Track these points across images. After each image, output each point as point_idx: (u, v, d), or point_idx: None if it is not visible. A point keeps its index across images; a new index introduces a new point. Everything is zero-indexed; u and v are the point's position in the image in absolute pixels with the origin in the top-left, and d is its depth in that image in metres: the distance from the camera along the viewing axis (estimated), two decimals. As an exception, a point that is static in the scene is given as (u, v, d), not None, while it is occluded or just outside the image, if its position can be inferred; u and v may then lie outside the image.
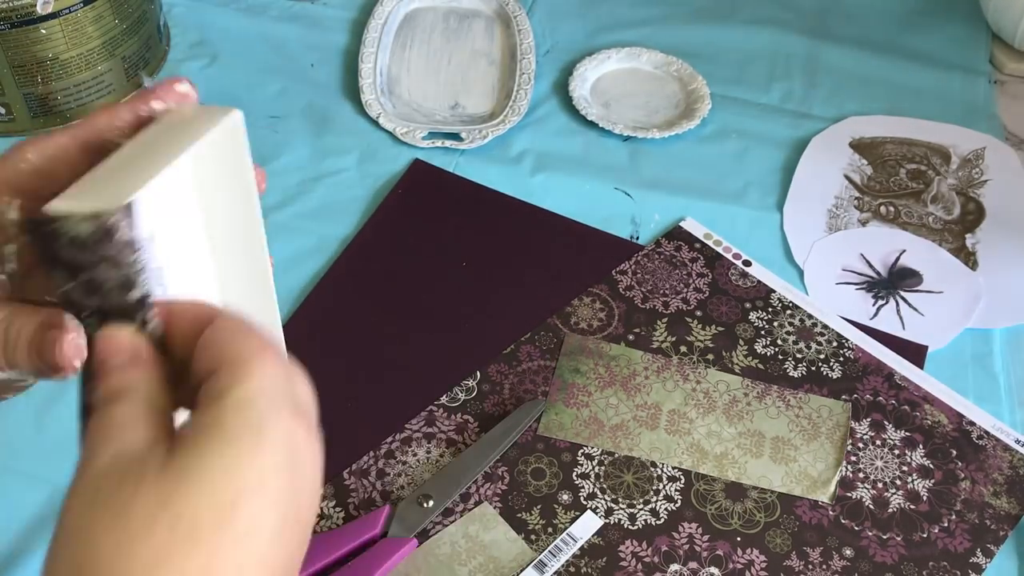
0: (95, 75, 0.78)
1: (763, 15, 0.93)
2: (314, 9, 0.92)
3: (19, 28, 0.73)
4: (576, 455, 0.62)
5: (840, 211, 0.77)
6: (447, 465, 0.60)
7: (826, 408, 0.65)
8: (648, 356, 0.67)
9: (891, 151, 0.82)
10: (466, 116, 0.83)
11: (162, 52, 0.85)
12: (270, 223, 0.78)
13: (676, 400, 0.65)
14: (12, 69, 0.75)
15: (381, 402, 0.64)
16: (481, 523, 0.58)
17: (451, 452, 0.62)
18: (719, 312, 0.69)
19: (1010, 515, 0.60)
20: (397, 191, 0.76)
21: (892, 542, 0.59)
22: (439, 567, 0.56)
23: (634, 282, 0.71)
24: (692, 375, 0.66)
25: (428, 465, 0.61)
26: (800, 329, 0.69)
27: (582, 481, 0.61)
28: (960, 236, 0.76)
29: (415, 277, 0.71)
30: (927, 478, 0.62)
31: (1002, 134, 0.84)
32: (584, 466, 0.61)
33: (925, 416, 0.65)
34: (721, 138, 0.82)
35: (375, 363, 0.66)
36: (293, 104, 0.83)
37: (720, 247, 0.73)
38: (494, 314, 0.69)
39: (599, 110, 0.83)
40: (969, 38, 0.92)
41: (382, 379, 0.65)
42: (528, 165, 0.79)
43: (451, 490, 0.59)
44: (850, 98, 0.86)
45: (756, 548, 0.58)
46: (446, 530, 0.58)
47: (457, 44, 0.89)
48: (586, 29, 0.91)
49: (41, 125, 0.78)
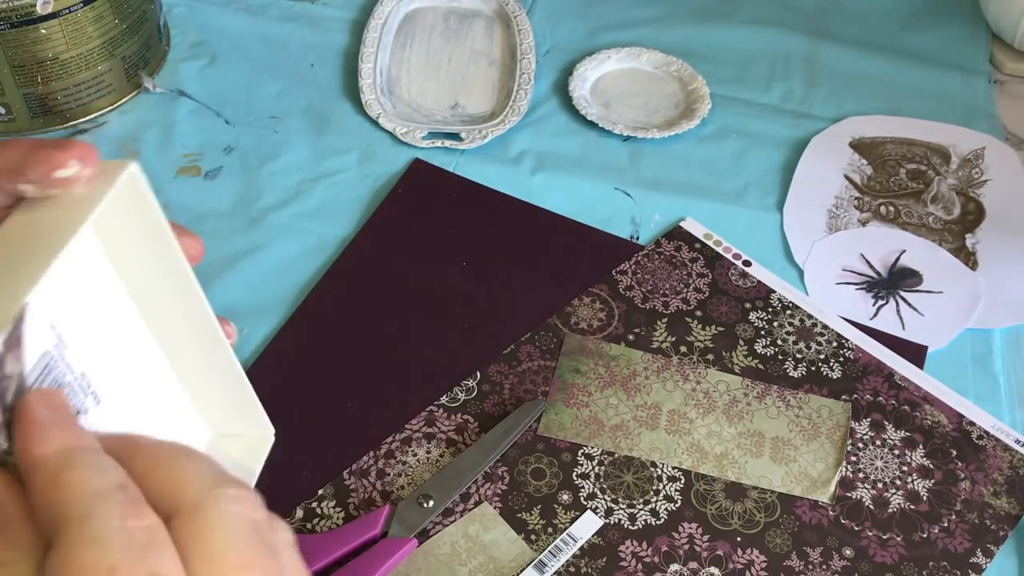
0: (95, 75, 0.78)
1: (763, 15, 0.93)
2: (314, 9, 0.92)
3: (19, 28, 0.73)
4: (576, 455, 0.62)
5: (840, 211, 0.77)
6: (447, 465, 0.60)
7: (826, 408, 0.65)
8: (648, 356, 0.67)
9: (891, 151, 0.82)
10: (466, 116, 0.83)
11: (162, 52, 0.85)
12: (270, 223, 0.79)
13: (676, 400, 0.65)
14: (12, 69, 0.75)
15: (381, 402, 0.64)
16: (481, 523, 0.58)
17: (451, 452, 0.62)
18: (719, 312, 0.69)
19: (1010, 515, 0.60)
20: (397, 191, 0.76)
21: (892, 542, 0.59)
22: (439, 567, 0.56)
23: (634, 282, 0.71)
24: (692, 375, 0.66)
25: (428, 465, 0.61)
26: (800, 329, 0.69)
27: (582, 481, 0.61)
28: (960, 236, 0.76)
29: (415, 277, 0.71)
30: (927, 478, 0.62)
31: (1002, 134, 0.84)
32: (584, 466, 0.61)
33: (925, 416, 0.65)
34: (721, 138, 0.82)
35: (375, 363, 0.66)
36: (293, 104, 0.83)
37: (720, 247, 0.73)
38: (494, 314, 0.69)
39: (599, 110, 0.83)
40: (969, 38, 0.92)
41: (382, 379, 0.65)
42: (528, 165, 0.79)
43: (451, 490, 0.59)
44: (850, 98, 0.86)
45: (756, 548, 0.58)
46: (446, 530, 0.58)
47: (457, 44, 0.89)
48: (586, 29, 0.91)
49: (41, 125, 0.78)
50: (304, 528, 0.58)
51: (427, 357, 0.66)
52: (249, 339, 0.67)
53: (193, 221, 0.74)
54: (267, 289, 0.70)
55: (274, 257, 0.72)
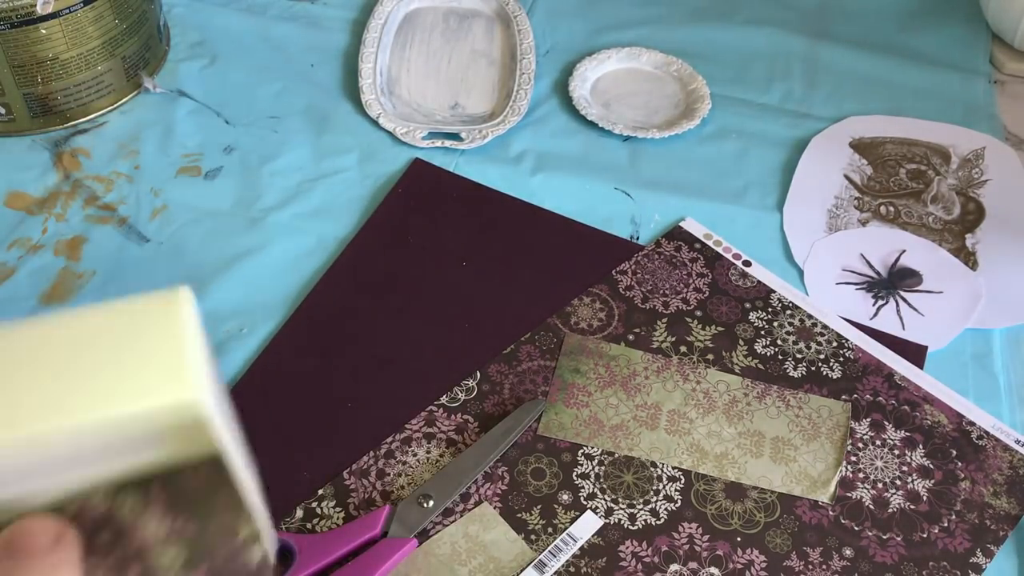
0: (95, 75, 0.78)
1: (763, 15, 0.93)
2: (314, 9, 0.92)
3: (19, 28, 0.73)
4: (576, 455, 0.62)
5: (840, 211, 0.77)
6: (447, 465, 0.60)
7: (826, 408, 0.65)
8: (648, 356, 0.67)
9: (891, 151, 0.82)
10: (466, 116, 0.83)
11: (162, 52, 0.85)
12: (270, 223, 0.79)
13: (676, 400, 0.65)
14: (12, 69, 0.75)
15: (381, 402, 0.64)
16: (481, 523, 0.58)
17: (451, 452, 0.62)
18: (719, 312, 0.69)
19: (1010, 515, 0.60)
20: (397, 191, 0.76)
21: (892, 542, 0.59)
22: (439, 567, 0.56)
23: (634, 282, 0.71)
24: (692, 375, 0.66)
25: (428, 465, 0.61)
26: (800, 329, 0.69)
27: (582, 481, 0.61)
28: (960, 236, 0.76)
29: (415, 277, 0.71)
30: (927, 478, 0.62)
31: (1002, 134, 0.84)
32: (584, 466, 0.61)
33: (925, 416, 0.65)
34: (721, 138, 0.82)
35: (375, 363, 0.66)
36: (293, 104, 0.83)
37: (720, 247, 0.73)
38: (494, 314, 0.69)
39: (599, 110, 0.83)
40: (969, 38, 0.92)
41: (382, 379, 0.65)
42: (528, 165, 0.79)
43: (451, 490, 0.59)
44: (850, 98, 0.86)
45: (756, 548, 0.58)
46: (446, 530, 0.58)
47: (457, 44, 0.89)
48: (586, 29, 0.91)
49: (41, 125, 0.79)
50: (304, 528, 0.58)
51: (427, 357, 0.66)
52: (249, 339, 0.67)
53: (193, 221, 0.74)
54: (267, 289, 0.70)
55: (274, 257, 0.72)
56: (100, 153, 0.78)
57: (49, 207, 0.74)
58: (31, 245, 0.72)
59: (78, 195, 0.75)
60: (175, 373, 0.24)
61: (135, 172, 0.77)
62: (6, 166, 0.77)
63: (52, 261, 0.71)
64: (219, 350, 0.66)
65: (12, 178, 0.76)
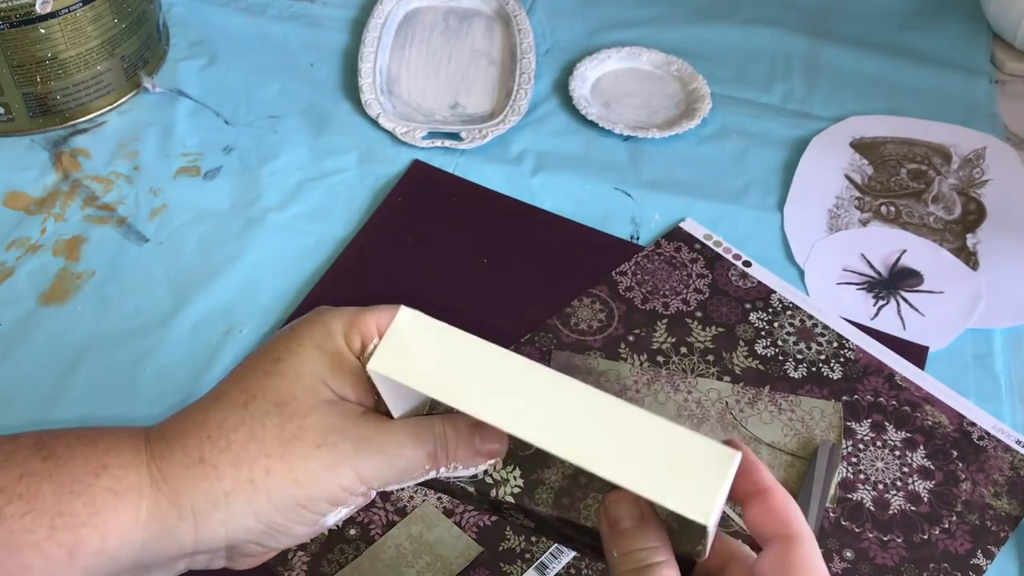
0: (94, 75, 0.78)
1: (763, 15, 0.93)
2: (314, 9, 0.92)
3: (18, 28, 0.73)
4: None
5: (841, 211, 0.77)
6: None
7: (818, 410, 0.64)
8: (636, 369, 0.66)
9: (892, 151, 0.82)
10: (466, 116, 0.83)
11: (161, 52, 0.85)
12: (269, 223, 0.79)
13: (670, 412, 0.64)
14: (11, 69, 0.75)
15: (381, 403, 0.64)
16: (424, 522, 0.58)
17: (451, 453, 0.61)
18: (719, 313, 0.69)
19: (1011, 516, 0.60)
20: (397, 191, 0.76)
21: (893, 544, 0.59)
22: (385, 571, 0.56)
23: (634, 283, 0.71)
24: (683, 385, 0.65)
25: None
26: (800, 330, 0.69)
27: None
28: (961, 236, 0.76)
29: (415, 277, 0.71)
30: (928, 479, 0.62)
31: (1003, 134, 0.84)
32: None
33: (926, 417, 0.64)
34: (721, 138, 0.82)
35: (375, 364, 0.66)
36: (293, 104, 0.83)
37: (720, 247, 0.73)
38: (494, 314, 0.69)
39: (599, 110, 0.83)
40: (969, 38, 0.92)
41: (382, 380, 0.65)
42: (528, 165, 0.79)
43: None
44: (850, 98, 0.86)
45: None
46: (389, 533, 0.57)
47: (457, 44, 0.89)
48: (586, 29, 0.91)
49: (40, 125, 0.78)
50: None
51: (427, 358, 0.66)
52: (249, 339, 0.67)
53: (193, 221, 0.74)
54: (267, 289, 0.70)
55: (273, 257, 0.72)
56: (99, 153, 0.78)
57: (48, 207, 0.74)
58: (30, 245, 0.72)
59: (77, 195, 0.75)
60: (706, 502, 0.38)
61: (134, 172, 0.77)
62: (5, 166, 0.77)
63: (51, 261, 0.71)
64: (218, 350, 0.66)
65: (11, 178, 0.76)
